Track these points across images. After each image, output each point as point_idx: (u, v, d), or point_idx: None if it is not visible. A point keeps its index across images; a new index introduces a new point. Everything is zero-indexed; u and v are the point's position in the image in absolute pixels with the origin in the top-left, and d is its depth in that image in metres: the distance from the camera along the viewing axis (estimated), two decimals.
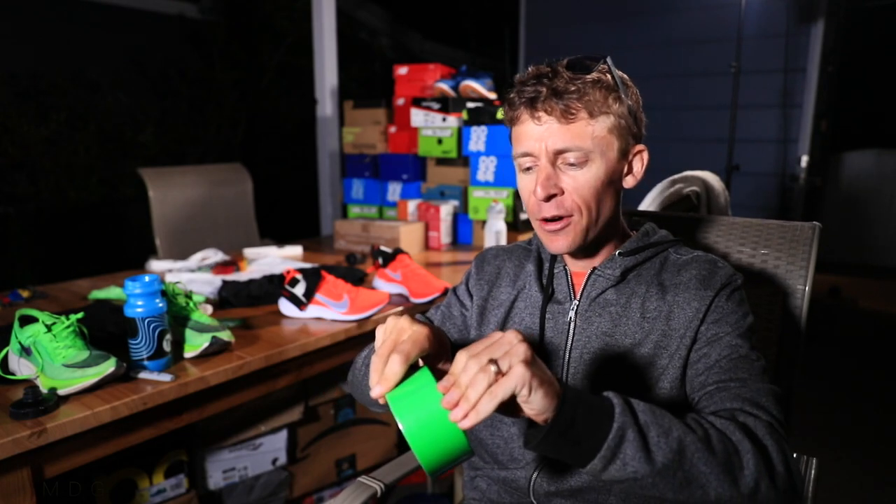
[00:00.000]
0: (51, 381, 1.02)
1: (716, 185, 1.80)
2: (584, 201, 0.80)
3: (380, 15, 6.24)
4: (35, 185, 4.14)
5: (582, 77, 0.78)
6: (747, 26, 3.21)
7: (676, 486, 0.60)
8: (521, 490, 0.86)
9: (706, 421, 0.65)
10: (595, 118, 0.78)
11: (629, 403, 0.61)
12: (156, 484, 1.58)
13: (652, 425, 0.60)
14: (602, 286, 0.85)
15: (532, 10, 4.64)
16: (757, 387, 0.72)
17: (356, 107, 2.76)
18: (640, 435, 0.59)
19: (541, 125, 0.78)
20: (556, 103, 0.77)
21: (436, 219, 2.34)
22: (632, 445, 0.58)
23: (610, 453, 0.58)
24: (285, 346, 1.29)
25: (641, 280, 0.85)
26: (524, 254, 0.97)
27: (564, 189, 0.80)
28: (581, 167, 0.79)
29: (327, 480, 2.01)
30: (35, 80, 4.24)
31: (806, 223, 1.10)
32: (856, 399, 2.84)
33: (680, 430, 0.61)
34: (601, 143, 0.79)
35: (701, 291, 0.80)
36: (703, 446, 0.61)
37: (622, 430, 0.58)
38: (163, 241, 2.39)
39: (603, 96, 0.79)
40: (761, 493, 0.62)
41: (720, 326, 0.79)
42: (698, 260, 0.85)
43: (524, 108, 0.79)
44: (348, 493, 1.01)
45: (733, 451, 0.62)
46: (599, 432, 0.58)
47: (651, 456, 0.59)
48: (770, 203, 3.80)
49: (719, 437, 0.63)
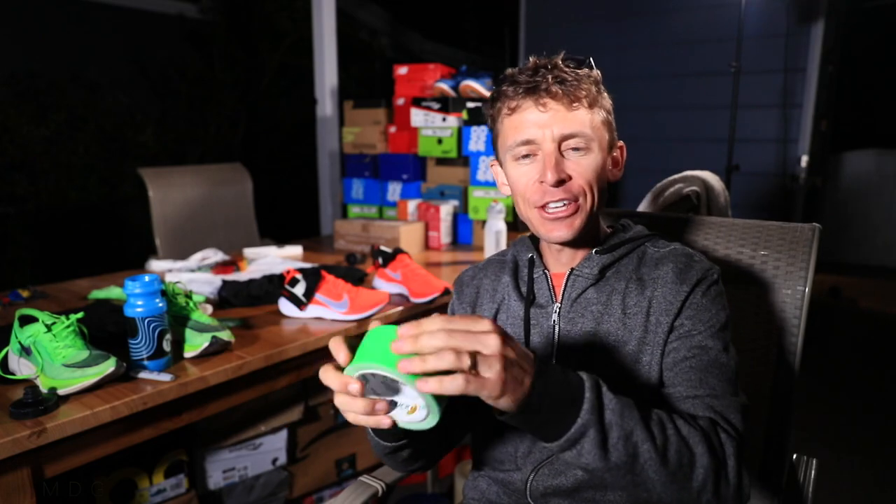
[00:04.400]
0: (51, 380, 1.02)
1: (716, 185, 1.80)
2: (589, 185, 0.82)
3: (380, 15, 6.24)
4: (35, 185, 4.14)
5: (577, 70, 0.81)
6: (747, 26, 3.21)
7: (624, 484, 0.65)
8: (519, 492, 0.87)
9: (672, 426, 0.66)
10: (592, 109, 0.82)
11: (599, 399, 0.62)
12: (156, 484, 1.58)
13: (614, 426, 0.62)
14: (582, 286, 0.85)
15: (532, 10, 4.64)
16: (727, 401, 0.74)
17: (356, 107, 2.76)
18: (601, 434, 0.61)
19: (546, 111, 0.80)
20: (561, 89, 0.79)
21: (436, 219, 2.34)
22: (590, 442, 0.61)
23: (568, 444, 0.61)
24: (285, 346, 1.29)
25: (620, 276, 0.85)
26: (499, 267, 0.97)
27: (571, 174, 0.81)
28: (584, 153, 0.81)
29: (327, 480, 2.01)
30: (35, 80, 4.24)
31: (806, 224, 1.10)
32: (856, 399, 2.84)
33: (640, 436, 0.63)
34: (598, 133, 0.82)
35: (677, 286, 0.81)
36: (657, 456, 0.63)
37: (584, 427, 0.61)
38: (163, 241, 2.39)
39: (596, 90, 0.82)
40: (703, 502, 0.67)
41: (694, 323, 0.79)
42: (675, 253, 0.86)
43: (527, 96, 0.80)
44: (348, 492, 1.01)
45: (687, 463, 0.65)
46: (562, 424, 0.61)
47: (607, 455, 0.62)
48: (770, 203, 3.80)
49: (678, 447, 0.65)
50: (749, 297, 1.08)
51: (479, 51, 6.67)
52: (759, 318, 1.07)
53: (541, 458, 0.84)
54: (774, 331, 1.06)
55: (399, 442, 0.78)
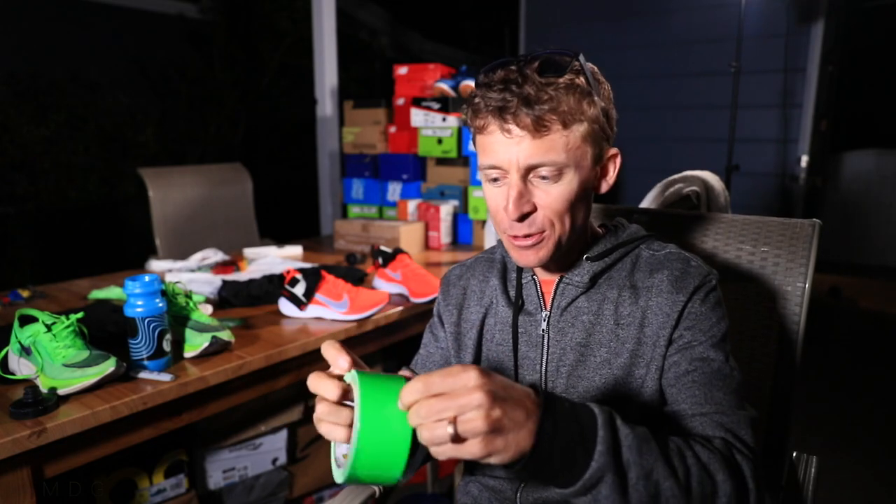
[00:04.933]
0: (51, 380, 1.02)
1: (716, 185, 1.80)
2: (557, 216, 0.76)
3: (380, 15, 6.24)
4: (35, 185, 4.14)
5: (554, 82, 0.71)
6: (747, 26, 3.20)
7: None
8: (509, 500, 0.85)
9: (692, 453, 0.63)
10: (569, 128, 0.72)
11: (616, 437, 0.57)
12: (156, 484, 1.58)
13: (633, 465, 0.57)
14: (572, 294, 0.82)
15: (532, 10, 4.64)
16: (736, 416, 0.70)
17: (356, 107, 2.76)
18: (619, 476, 0.56)
19: (511, 138, 0.72)
20: (528, 114, 0.70)
21: (436, 219, 2.34)
22: (608, 486, 0.56)
23: (583, 489, 0.56)
24: (285, 346, 1.29)
25: (613, 283, 0.81)
26: (487, 266, 0.93)
27: (537, 204, 0.75)
28: (554, 180, 0.74)
29: (327, 480, 2.01)
30: (35, 79, 4.24)
31: (806, 220, 1.10)
32: (856, 399, 2.84)
33: (661, 473, 0.58)
34: (575, 154, 0.74)
35: (673, 295, 0.77)
36: (680, 492, 0.59)
37: (601, 471, 0.55)
38: (163, 241, 2.39)
39: (577, 102, 0.73)
40: None
41: (693, 334, 0.76)
42: (670, 258, 0.81)
43: (492, 118, 0.73)
44: (348, 492, 1.01)
45: (710, 493, 0.61)
46: (575, 469, 0.55)
47: (626, 498, 0.57)
48: (770, 203, 3.80)
49: (700, 477, 0.61)
50: (749, 293, 1.08)
51: (479, 51, 6.67)
52: (760, 315, 1.07)
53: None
54: (775, 327, 1.06)
55: None
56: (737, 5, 3.10)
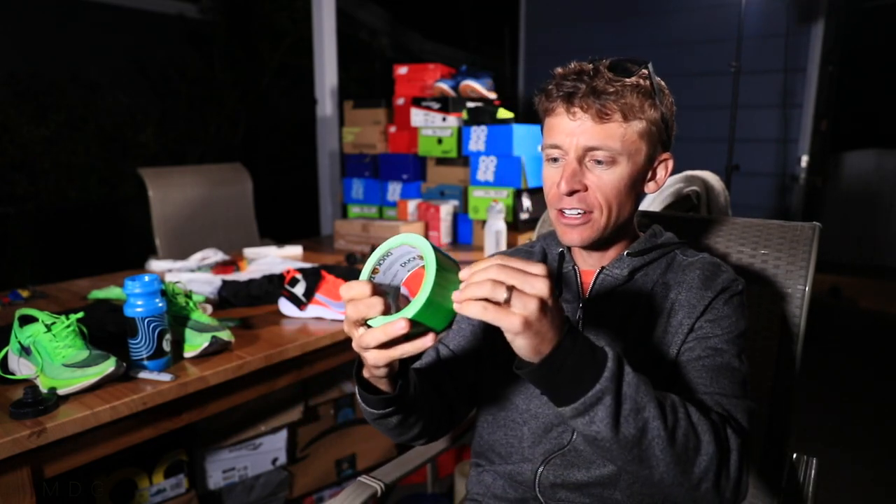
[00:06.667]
0: (50, 380, 1.02)
1: (716, 185, 1.80)
2: (606, 200, 0.81)
3: (380, 15, 6.24)
4: (35, 185, 4.15)
5: (622, 80, 0.79)
6: (747, 26, 3.20)
7: (629, 459, 0.65)
8: (527, 483, 0.87)
9: (684, 411, 0.67)
10: (628, 121, 0.79)
11: (620, 370, 0.63)
12: (156, 484, 1.58)
13: (628, 399, 0.62)
14: (610, 285, 0.87)
15: (532, 10, 4.64)
16: (737, 402, 0.75)
17: (356, 107, 2.76)
18: (616, 403, 0.62)
19: (574, 121, 0.79)
20: (593, 102, 0.78)
21: (436, 219, 2.34)
22: (604, 409, 0.61)
23: (583, 408, 0.62)
24: (285, 346, 1.29)
25: (648, 279, 0.87)
26: (525, 257, 0.96)
27: (588, 186, 0.81)
28: (608, 167, 0.80)
29: (327, 480, 2.01)
30: (35, 79, 4.24)
31: (806, 223, 1.10)
32: (856, 399, 2.84)
33: (651, 413, 0.63)
34: (630, 147, 0.80)
35: (701, 291, 0.83)
36: (666, 434, 0.64)
37: (602, 393, 0.61)
38: (163, 241, 2.39)
39: (639, 101, 0.80)
40: (701, 491, 0.67)
41: (712, 327, 0.81)
42: (703, 262, 0.87)
43: (560, 102, 0.80)
44: (348, 492, 1.01)
45: (693, 448, 0.66)
46: (580, 387, 0.61)
47: (618, 425, 0.62)
48: (770, 203, 3.80)
49: (686, 431, 0.65)
50: (749, 296, 1.08)
51: (479, 51, 6.67)
52: (760, 317, 1.07)
53: (551, 448, 0.85)
54: (775, 329, 1.06)
55: (386, 409, 0.76)
56: (737, 5, 3.10)
